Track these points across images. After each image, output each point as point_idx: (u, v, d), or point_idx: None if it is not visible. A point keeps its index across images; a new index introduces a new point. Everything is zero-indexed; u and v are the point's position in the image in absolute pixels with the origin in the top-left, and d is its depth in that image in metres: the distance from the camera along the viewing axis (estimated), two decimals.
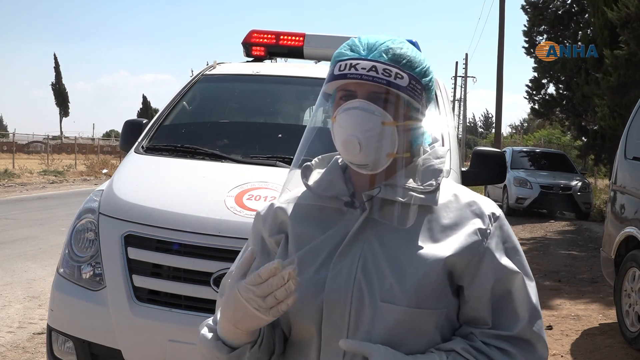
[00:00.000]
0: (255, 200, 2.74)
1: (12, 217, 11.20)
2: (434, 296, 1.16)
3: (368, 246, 1.20)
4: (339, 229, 1.24)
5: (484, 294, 1.18)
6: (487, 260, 1.19)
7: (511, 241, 1.24)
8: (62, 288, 2.83)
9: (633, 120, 5.67)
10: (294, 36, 4.43)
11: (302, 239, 1.27)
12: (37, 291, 5.98)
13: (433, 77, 1.28)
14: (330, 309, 1.19)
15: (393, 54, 1.21)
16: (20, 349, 4.41)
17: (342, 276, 1.19)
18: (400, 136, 1.21)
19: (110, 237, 2.74)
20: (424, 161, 1.26)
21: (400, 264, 1.17)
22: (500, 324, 1.19)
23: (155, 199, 2.84)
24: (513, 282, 1.20)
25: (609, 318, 5.78)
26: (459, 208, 1.24)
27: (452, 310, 1.20)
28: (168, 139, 3.57)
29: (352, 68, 1.19)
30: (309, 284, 1.21)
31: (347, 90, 1.22)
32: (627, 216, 5.30)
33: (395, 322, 1.15)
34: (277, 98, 4.21)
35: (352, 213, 1.25)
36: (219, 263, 2.57)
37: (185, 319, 2.55)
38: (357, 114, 1.18)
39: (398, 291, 1.15)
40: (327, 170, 1.32)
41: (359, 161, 1.21)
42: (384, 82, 1.18)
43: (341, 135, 1.20)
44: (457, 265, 1.18)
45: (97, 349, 2.70)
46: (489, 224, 1.21)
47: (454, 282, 1.20)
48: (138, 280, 2.65)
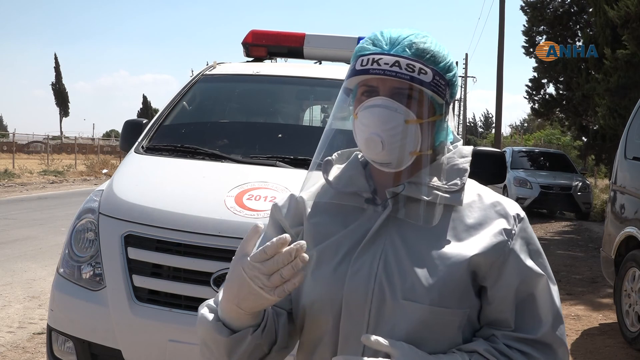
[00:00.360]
0: (255, 200, 2.74)
1: (12, 217, 11.20)
2: (457, 296, 1.14)
3: (390, 243, 1.18)
4: (360, 225, 1.21)
5: (507, 296, 1.16)
6: (511, 261, 1.17)
7: (534, 243, 1.22)
8: (62, 288, 2.83)
9: (633, 120, 5.67)
10: (294, 36, 4.43)
11: (321, 233, 1.24)
12: (37, 291, 5.98)
13: (457, 72, 1.24)
14: (350, 306, 1.16)
15: (417, 48, 1.17)
16: (20, 349, 4.41)
17: (363, 273, 1.17)
18: (424, 134, 1.19)
19: (110, 237, 2.74)
20: (449, 160, 1.24)
21: (423, 262, 1.15)
22: (523, 326, 1.17)
23: (155, 199, 2.84)
24: (537, 285, 1.18)
25: (609, 318, 5.78)
26: (483, 208, 1.21)
27: (474, 311, 1.18)
28: (168, 139, 3.57)
29: (374, 63, 1.16)
30: (328, 279, 1.18)
31: (369, 86, 1.19)
32: (627, 216, 5.30)
33: (418, 320, 1.13)
34: (277, 98, 4.20)
35: (373, 210, 1.22)
36: (219, 263, 2.57)
37: (185, 319, 2.55)
38: (379, 112, 1.15)
39: (421, 289, 1.13)
40: (348, 166, 1.29)
41: (382, 159, 1.18)
42: (407, 78, 1.14)
43: (363, 133, 1.18)
44: (481, 265, 1.16)
45: (97, 349, 2.70)
46: (514, 224, 1.19)
47: (477, 282, 1.18)
48: (138, 280, 2.65)
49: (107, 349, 2.67)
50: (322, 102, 4.60)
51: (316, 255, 1.21)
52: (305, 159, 3.19)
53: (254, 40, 4.41)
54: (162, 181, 3.12)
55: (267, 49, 4.46)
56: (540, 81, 18.02)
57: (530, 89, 18.29)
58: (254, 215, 2.65)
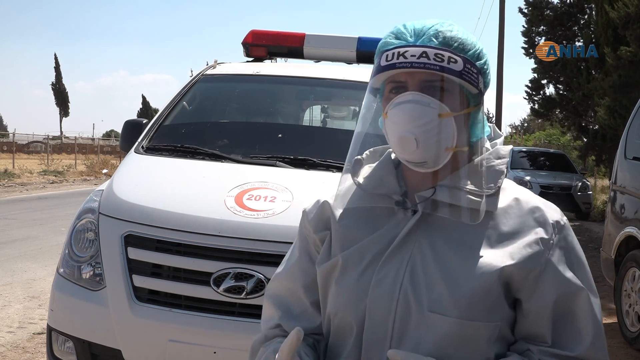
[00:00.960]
0: (255, 200, 2.74)
1: (12, 217, 11.20)
2: (487, 308, 1.08)
3: (418, 250, 1.12)
4: (388, 230, 1.16)
5: (544, 310, 1.09)
6: (549, 274, 1.09)
7: (576, 253, 1.13)
8: (62, 288, 2.83)
9: (633, 120, 5.67)
10: (294, 36, 4.42)
11: (348, 238, 1.18)
12: (37, 291, 5.98)
13: (488, 60, 1.17)
14: (374, 316, 1.11)
15: (444, 37, 1.10)
16: (20, 349, 4.41)
17: (388, 282, 1.11)
18: (459, 128, 1.11)
19: (110, 237, 2.74)
20: (484, 161, 1.15)
21: (452, 271, 1.08)
22: (561, 343, 1.09)
23: (155, 199, 2.84)
24: (577, 299, 1.10)
25: (609, 318, 5.78)
26: (520, 214, 1.13)
27: (507, 324, 1.11)
28: (168, 139, 3.57)
29: (400, 57, 1.09)
30: (352, 287, 1.14)
31: (396, 82, 1.12)
32: (627, 216, 5.30)
33: (445, 334, 1.07)
34: (277, 98, 4.20)
35: (403, 213, 1.16)
36: (219, 263, 2.57)
37: (185, 319, 2.55)
38: (410, 108, 1.08)
39: (448, 301, 1.07)
40: (378, 166, 1.22)
41: (417, 159, 1.10)
42: (437, 68, 1.07)
43: (395, 132, 1.10)
44: (514, 276, 1.08)
45: (97, 349, 2.70)
46: (553, 233, 1.11)
47: (511, 294, 1.11)
48: (138, 280, 2.65)
49: (107, 349, 2.66)
50: (322, 102, 4.60)
51: (341, 261, 1.17)
52: (305, 159, 3.19)
53: (254, 40, 4.41)
54: (162, 181, 3.11)
55: (267, 49, 4.46)
56: (540, 81, 18.02)
57: (530, 89, 18.30)
58: (254, 215, 2.65)
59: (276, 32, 4.49)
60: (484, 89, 1.16)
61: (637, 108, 5.65)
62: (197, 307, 2.57)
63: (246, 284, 2.51)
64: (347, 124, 4.59)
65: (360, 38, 4.36)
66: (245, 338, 2.48)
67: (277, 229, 2.58)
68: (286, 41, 4.43)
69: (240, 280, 2.53)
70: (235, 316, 2.52)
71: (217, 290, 2.53)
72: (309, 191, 2.87)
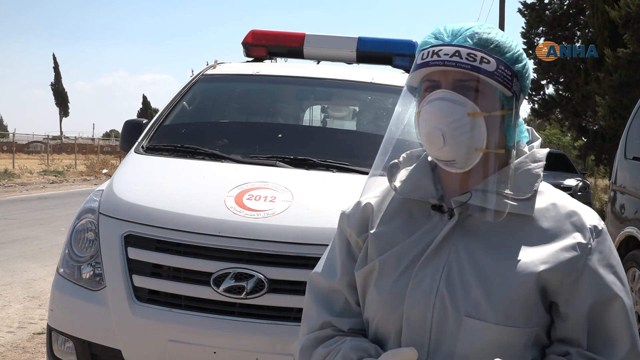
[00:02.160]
0: (255, 200, 2.74)
1: (12, 217, 11.19)
2: (524, 313, 1.08)
3: (454, 255, 1.12)
4: (425, 234, 1.16)
5: (580, 315, 1.09)
6: (586, 279, 1.09)
7: (613, 258, 1.13)
8: (62, 288, 2.83)
9: (633, 120, 5.67)
10: (294, 36, 4.42)
11: (385, 241, 1.19)
12: (37, 291, 5.98)
13: (528, 64, 1.17)
14: (411, 321, 1.12)
15: (479, 38, 1.12)
16: (20, 349, 4.41)
17: (424, 286, 1.12)
18: (491, 129, 1.11)
19: (110, 237, 2.74)
20: (520, 164, 1.15)
21: (488, 276, 1.09)
22: (597, 348, 1.10)
23: (155, 199, 2.84)
24: (613, 305, 1.10)
25: None
26: (558, 219, 1.13)
27: (543, 327, 1.12)
28: (168, 139, 3.57)
29: (434, 55, 1.11)
30: (389, 292, 1.15)
31: (431, 81, 1.14)
32: (627, 216, 5.30)
33: (482, 339, 1.07)
34: (277, 98, 4.20)
35: (439, 217, 1.16)
36: (219, 263, 2.57)
37: (185, 319, 2.55)
38: (440, 105, 1.09)
39: (485, 306, 1.07)
40: (415, 169, 1.22)
41: (445, 157, 1.11)
42: (468, 67, 1.09)
43: (424, 128, 1.12)
44: (551, 281, 1.09)
45: (97, 349, 2.70)
46: (590, 238, 1.11)
47: (548, 298, 1.11)
48: (138, 280, 2.65)
49: (107, 349, 2.66)
50: (322, 102, 4.60)
51: (379, 265, 1.17)
52: (305, 159, 3.19)
53: (254, 40, 4.41)
54: (162, 181, 3.12)
55: (267, 49, 4.46)
56: (540, 82, 18.03)
57: (530, 90, 18.29)
58: (254, 215, 2.65)
59: (276, 32, 4.49)
60: (520, 92, 1.16)
61: (637, 108, 5.65)
62: (197, 307, 2.57)
63: (246, 284, 2.51)
64: (347, 124, 4.59)
65: (360, 38, 4.36)
66: (245, 338, 2.50)
67: (277, 229, 2.58)
68: (286, 41, 4.43)
69: (240, 280, 2.53)
70: (235, 316, 2.52)
71: (217, 290, 2.53)
72: (309, 191, 2.87)
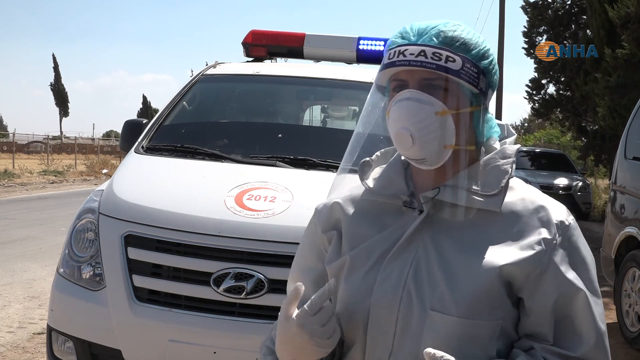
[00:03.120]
0: (255, 200, 2.74)
1: (12, 217, 11.20)
2: (488, 307, 1.09)
3: (422, 250, 1.14)
4: (395, 230, 1.17)
5: (545, 310, 1.10)
6: (550, 273, 1.09)
7: (580, 253, 1.15)
8: (62, 288, 2.83)
9: (633, 120, 5.68)
10: (294, 36, 4.43)
11: (357, 237, 1.20)
12: (37, 291, 5.98)
13: (494, 60, 1.18)
14: (377, 314, 1.14)
15: (445, 36, 1.12)
16: (20, 349, 4.41)
17: (392, 281, 1.13)
18: (459, 126, 1.13)
19: (110, 237, 2.74)
20: (489, 161, 1.17)
21: (454, 271, 1.10)
22: (562, 342, 1.10)
23: (155, 199, 2.84)
24: (577, 299, 1.10)
25: (609, 318, 5.78)
26: (525, 214, 1.14)
27: (510, 321, 1.12)
28: (168, 139, 3.57)
29: (400, 55, 1.12)
30: (358, 286, 1.16)
31: (399, 80, 1.15)
32: (627, 216, 5.31)
33: (446, 332, 1.08)
34: (277, 98, 4.21)
35: (410, 213, 1.17)
36: (219, 263, 2.57)
37: (185, 319, 2.55)
38: (407, 105, 1.11)
39: (449, 300, 1.08)
40: (388, 166, 1.24)
41: (415, 155, 1.13)
42: (433, 67, 1.09)
43: (393, 128, 1.13)
44: (516, 276, 1.09)
45: (97, 349, 2.70)
46: (556, 233, 1.12)
47: (514, 293, 1.11)
48: (138, 280, 2.65)
49: (107, 349, 2.66)
50: (322, 102, 4.60)
51: (349, 260, 1.19)
52: (305, 159, 3.19)
53: (254, 40, 4.41)
54: (162, 181, 3.12)
55: (267, 49, 4.46)
56: (540, 81, 18.02)
57: (530, 89, 18.30)
58: (254, 215, 2.65)
59: (276, 32, 4.49)
60: (487, 89, 1.16)
61: (637, 108, 5.65)
62: (197, 307, 2.57)
63: (246, 284, 2.51)
64: (347, 124, 4.59)
65: (360, 38, 4.37)
66: (246, 338, 2.49)
67: (277, 229, 2.59)
68: (286, 41, 4.43)
69: (240, 280, 2.53)
70: (235, 316, 2.53)
71: (217, 290, 2.53)
72: (309, 191, 2.87)
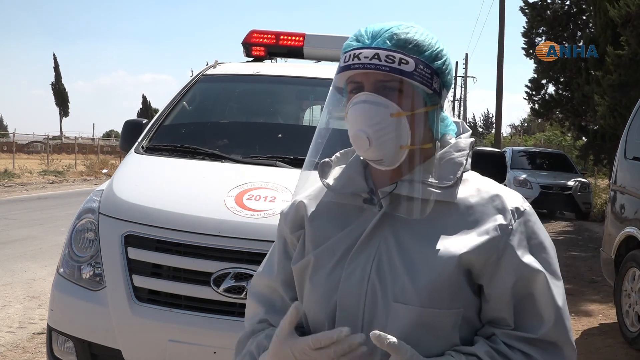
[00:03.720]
0: (255, 200, 2.74)
1: (12, 217, 11.20)
2: (449, 296, 1.12)
3: (384, 244, 1.17)
4: (357, 227, 1.21)
5: (504, 294, 1.13)
6: (507, 258, 1.13)
7: (536, 237, 1.17)
8: (62, 288, 2.83)
9: (633, 120, 5.67)
10: (294, 36, 4.43)
11: (320, 236, 1.23)
12: (37, 291, 5.98)
13: (448, 59, 1.20)
14: (344, 309, 1.16)
15: (398, 39, 1.16)
16: (20, 349, 4.41)
17: (356, 276, 1.16)
18: (415, 126, 1.16)
19: (110, 237, 2.74)
20: (444, 155, 1.20)
21: (414, 262, 1.13)
22: (523, 325, 1.13)
23: (155, 199, 2.84)
24: (535, 282, 1.13)
25: (609, 318, 5.78)
26: (481, 203, 1.17)
27: (472, 310, 1.15)
28: (168, 139, 3.57)
29: (355, 58, 1.16)
30: (324, 283, 1.19)
31: (355, 82, 1.18)
32: (627, 216, 5.30)
33: (409, 322, 1.11)
34: (277, 98, 4.21)
35: (370, 210, 1.20)
36: (219, 263, 2.57)
37: (185, 319, 2.55)
38: (363, 108, 1.14)
39: (411, 290, 1.11)
40: (347, 166, 1.27)
41: (372, 156, 1.16)
42: (387, 69, 1.13)
43: (350, 131, 1.17)
44: (474, 263, 1.12)
45: (97, 349, 2.70)
46: (512, 219, 1.15)
47: (474, 280, 1.15)
48: (138, 280, 2.65)
49: (107, 349, 2.67)
50: (322, 102, 4.59)
51: (314, 259, 1.22)
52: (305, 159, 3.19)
53: (254, 40, 4.42)
54: (162, 181, 3.12)
55: (267, 49, 4.46)
56: (540, 81, 17.98)
57: (530, 89, 18.26)
58: (254, 215, 2.65)
59: (276, 32, 4.49)
60: (441, 89, 1.20)
61: (637, 108, 5.65)
62: (197, 307, 2.57)
63: (246, 284, 2.51)
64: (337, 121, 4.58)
65: None
66: None
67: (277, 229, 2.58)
68: (286, 41, 4.43)
69: (240, 280, 2.53)
70: (235, 316, 2.52)
71: (217, 290, 2.53)
72: None
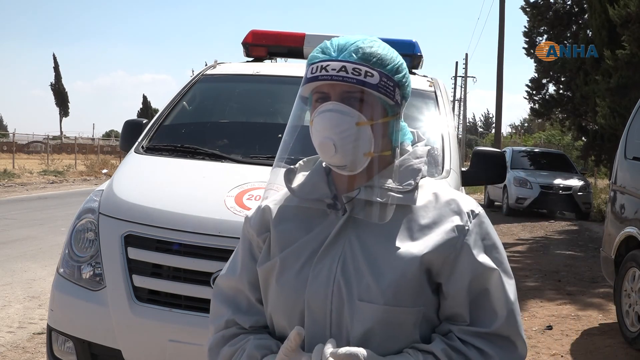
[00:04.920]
0: (255, 200, 2.74)
1: (12, 217, 11.20)
2: (411, 294, 1.19)
3: (348, 246, 1.23)
4: (322, 231, 1.27)
5: (461, 291, 1.20)
6: (463, 257, 1.20)
7: (490, 238, 1.25)
8: (62, 288, 2.83)
9: (633, 120, 5.67)
10: (294, 36, 4.43)
11: (285, 240, 1.29)
12: (37, 291, 5.98)
13: (407, 73, 1.29)
14: (312, 309, 1.22)
15: (363, 53, 1.23)
16: (20, 349, 4.41)
17: (323, 276, 1.22)
18: (377, 135, 1.24)
19: (110, 237, 2.74)
20: (403, 161, 1.28)
21: (378, 263, 1.20)
22: (478, 320, 1.20)
23: (155, 199, 2.84)
24: (490, 279, 1.21)
25: (609, 318, 5.78)
26: (439, 207, 1.25)
27: (431, 308, 1.22)
28: (168, 139, 3.57)
29: (322, 70, 1.22)
30: (291, 285, 1.24)
31: (321, 92, 1.25)
32: (627, 216, 5.30)
33: (373, 320, 1.17)
34: (277, 98, 4.20)
35: (335, 215, 1.27)
36: (218, 263, 2.57)
37: (185, 319, 2.55)
38: (330, 117, 1.21)
39: (375, 289, 1.18)
40: (311, 173, 1.34)
41: (337, 162, 1.23)
42: (354, 81, 1.20)
43: (317, 138, 1.23)
44: (433, 262, 1.20)
45: (97, 349, 2.70)
46: (467, 221, 1.23)
47: (433, 280, 1.21)
48: (138, 280, 2.65)
49: (107, 349, 2.67)
50: None
51: (280, 262, 1.27)
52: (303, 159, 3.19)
53: (254, 40, 4.41)
54: (162, 181, 3.12)
55: (267, 49, 4.46)
56: (540, 81, 18.00)
57: (530, 89, 18.27)
58: None
59: (276, 32, 4.49)
60: (401, 100, 1.28)
61: (637, 108, 5.65)
62: (197, 307, 2.57)
63: None
64: None
65: None
66: None
67: None
68: (286, 41, 4.43)
69: None
70: None
71: None
72: None
